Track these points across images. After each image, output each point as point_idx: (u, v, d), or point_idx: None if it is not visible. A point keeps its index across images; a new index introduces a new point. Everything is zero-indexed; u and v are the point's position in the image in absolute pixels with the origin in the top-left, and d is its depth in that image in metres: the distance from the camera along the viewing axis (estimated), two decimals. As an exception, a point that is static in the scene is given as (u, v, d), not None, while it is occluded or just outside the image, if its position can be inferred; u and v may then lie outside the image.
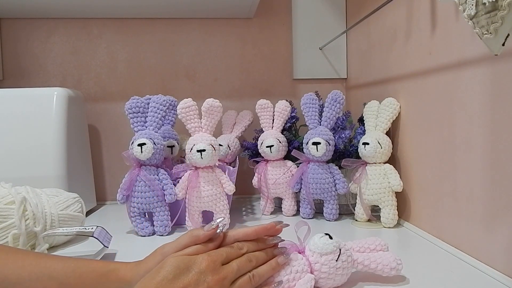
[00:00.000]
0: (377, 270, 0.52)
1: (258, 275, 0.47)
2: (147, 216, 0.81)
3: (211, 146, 0.77)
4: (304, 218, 0.88)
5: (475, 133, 0.57)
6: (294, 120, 0.96)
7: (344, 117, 0.91)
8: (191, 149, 0.77)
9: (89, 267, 0.48)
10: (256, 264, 0.47)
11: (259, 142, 0.91)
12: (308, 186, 0.85)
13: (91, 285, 0.47)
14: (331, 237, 0.51)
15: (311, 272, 0.50)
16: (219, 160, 0.90)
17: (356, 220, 0.84)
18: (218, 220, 0.49)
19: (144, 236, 0.78)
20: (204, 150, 0.76)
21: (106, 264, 0.49)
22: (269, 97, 0.97)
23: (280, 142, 0.89)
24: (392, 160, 0.82)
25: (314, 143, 0.82)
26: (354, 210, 0.85)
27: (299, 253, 0.52)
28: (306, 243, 0.52)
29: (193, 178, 0.78)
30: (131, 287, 0.45)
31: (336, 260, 0.50)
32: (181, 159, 0.98)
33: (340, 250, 0.50)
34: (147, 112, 0.80)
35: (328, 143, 0.83)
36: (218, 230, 0.49)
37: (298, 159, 0.87)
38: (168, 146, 0.88)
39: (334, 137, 0.85)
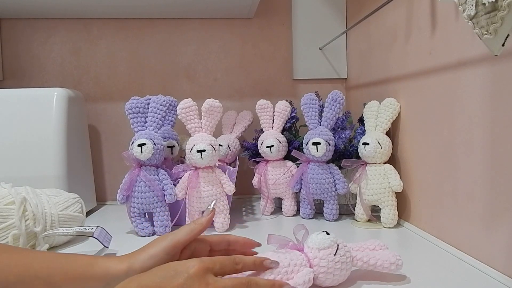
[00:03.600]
0: (376, 266, 0.52)
1: None
2: (147, 216, 0.81)
3: (211, 146, 0.77)
4: (304, 218, 0.88)
5: (475, 133, 0.57)
6: (294, 120, 0.96)
7: (344, 117, 0.91)
8: (191, 149, 0.77)
9: (76, 262, 0.47)
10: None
11: (259, 142, 0.91)
12: (308, 186, 0.85)
13: (77, 280, 0.45)
14: (328, 234, 0.52)
15: (310, 267, 0.50)
16: (219, 160, 0.90)
17: (356, 220, 0.84)
18: (212, 204, 0.50)
19: (144, 236, 0.78)
20: (204, 150, 0.76)
21: (93, 258, 0.47)
22: (269, 97, 0.97)
23: (280, 142, 0.89)
24: (392, 160, 0.82)
25: (314, 143, 0.82)
26: (354, 210, 0.85)
27: (298, 250, 0.52)
28: (304, 242, 0.53)
29: (193, 178, 0.78)
30: (123, 277, 0.44)
31: (334, 255, 0.50)
32: (181, 159, 0.98)
33: (338, 245, 0.51)
34: (147, 113, 0.80)
35: (328, 143, 0.83)
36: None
37: (298, 159, 0.87)
38: (168, 146, 0.88)
39: (334, 137, 0.85)
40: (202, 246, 0.52)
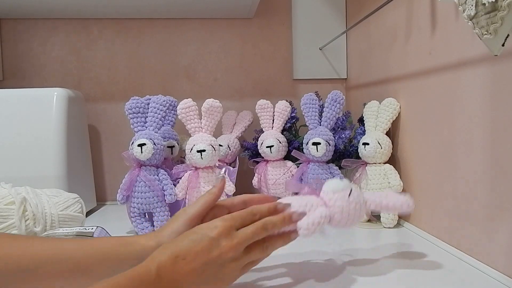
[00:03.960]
0: (389, 206, 0.55)
1: (272, 247, 0.48)
2: (147, 216, 0.81)
3: (211, 146, 0.77)
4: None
5: (475, 133, 0.57)
6: (294, 120, 0.96)
7: (344, 117, 0.91)
8: (191, 149, 0.77)
9: (108, 243, 0.48)
10: (271, 230, 0.48)
11: (259, 142, 0.91)
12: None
13: (112, 260, 0.47)
14: (341, 179, 0.56)
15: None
16: (219, 160, 0.90)
17: (356, 220, 0.84)
18: (222, 172, 0.55)
19: (144, 236, 0.78)
20: (204, 151, 0.76)
21: (124, 238, 0.49)
22: (269, 97, 0.97)
23: (280, 142, 0.89)
24: (392, 160, 0.82)
25: (314, 143, 0.82)
26: (354, 210, 0.85)
27: (314, 195, 0.55)
28: (320, 189, 0.56)
29: (193, 178, 0.78)
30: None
31: (348, 196, 0.53)
32: (181, 160, 0.98)
33: (351, 188, 0.54)
34: (147, 113, 0.80)
35: (328, 143, 0.83)
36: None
37: (298, 159, 0.87)
38: (168, 147, 0.88)
39: (334, 137, 0.85)
40: (220, 210, 0.53)
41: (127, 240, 0.48)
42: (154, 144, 0.76)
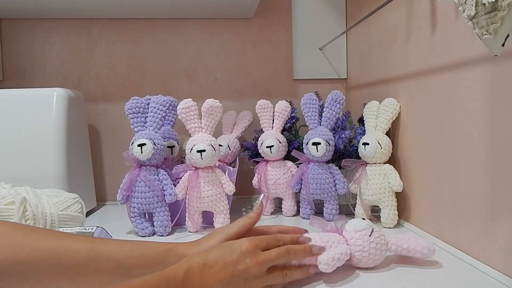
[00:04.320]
0: (410, 250, 0.57)
1: (290, 275, 0.51)
2: (147, 216, 0.81)
3: (211, 146, 0.77)
4: (304, 218, 0.88)
5: (475, 133, 0.57)
6: (294, 120, 0.96)
7: (344, 117, 0.91)
8: (191, 149, 0.77)
9: (147, 247, 0.51)
10: (293, 257, 0.51)
11: (259, 143, 0.91)
12: (308, 186, 0.85)
13: (151, 263, 0.49)
14: (364, 219, 0.59)
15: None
16: (219, 160, 0.90)
17: (356, 220, 0.84)
18: (260, 198, 0.59)
19: (144, 236, 0.78)
20: (204, 151, 0.76)
21: (163, 244, 0.52)
22: (269, 97, 0.97)
23: (280, 142, 0.89)
24: (392, 160, 0.82)
25: (314, 143, 0.82)
26: (354, 210, 0.85)
27: (337, 233, 0.58)
28: (343, 228, 0.58)
29: (193, 178, 0.78)
30: None
31: (370, 236, 0.55)
32: (181, 160, 0.98)
33: (373, 229, 0.57)
34: (147, 113, 0.80)
35: (328, 143, 0.83)
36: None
37: (298, 159, 0.87)
38: (168, 147, 0.88)
39: (334, 137, 0.85)
40: (255, 235, 0.55)
41: (168, 247, 0.51)
42: (154, 144, 0.76)
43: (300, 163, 0.88)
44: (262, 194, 0.63)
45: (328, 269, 0.52)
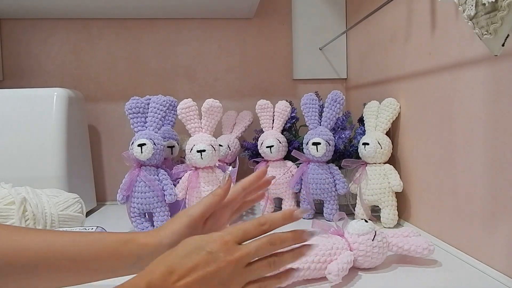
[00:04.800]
0: (410, 251, 0.57)
1: (280, 262, 0.42)
2: (147, 216, 0.81)
3: (211, 146, 0.77)
4: (304, 218, 0.88)
5: (475, 133, 0.57)
6: (294, 120, 0.96)
7: (344, 117, 0.91)
8: (191, 149, 0.77)
9: (105, 239, 0.46)
10: (279, 246, 0.41)
11: (259, 143, 0.91)
12: (308, 186, 0.85)
13: (108, 256, 0.45)
14: (366, 221, 0.58)
15: (350, 251, 0.56)
16: (219, 160, 0.90)
17: (356, 220, 0.84)
18: (228, 171, 0.51)
19: (144, 236, 0.78)
20: (204, 151, 0.76)
21: (122, 234, 0.47)
22: (269, 97, 0.97)
23: (280, 142, 0.89)
24: (392, 160, 0.82)
25: (314, 143, 0.82)
26: (354, 210, 0.85)
27: (339, 235, 0.58)
28: (344, 229, 0.59)
29: (193, 178, 0.78)
30: (154, 252, 0.45)
31: (372, 240, 0.56)
32: (181, 160, 0.98)
33: (375, 232, 0.57)
34: (147, 113, 0.80)
35: (328, 143, 0.83)
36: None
37: (298, 159, 0.87)
38: (168, 147, 0.88)
39: (334, 137, 0.85)
40: (223, 211, 0.51)
41: (126, 237, 0.47)
42: (154, 144, 0.76)
43: (300, 163, 0.88)
44: (230, 167, 0.58)
45: (338, 280, 0.52)
